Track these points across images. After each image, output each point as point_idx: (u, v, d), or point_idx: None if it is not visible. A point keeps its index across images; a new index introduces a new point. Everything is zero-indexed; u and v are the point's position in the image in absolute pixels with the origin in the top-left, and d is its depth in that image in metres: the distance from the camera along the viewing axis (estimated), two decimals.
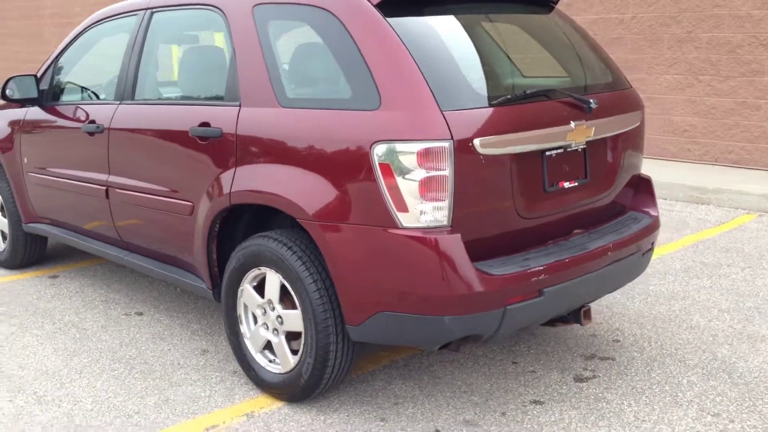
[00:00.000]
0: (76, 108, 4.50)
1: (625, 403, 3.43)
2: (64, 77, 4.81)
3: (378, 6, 3.07)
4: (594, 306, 4.49)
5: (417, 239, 2.85)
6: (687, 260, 5.45)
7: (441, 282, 2.86)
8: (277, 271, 3.25)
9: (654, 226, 3.68)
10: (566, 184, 3.31)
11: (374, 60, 2.97)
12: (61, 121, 4.59)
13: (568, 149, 3.30)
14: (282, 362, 3.36)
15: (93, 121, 4.28)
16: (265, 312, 3.39)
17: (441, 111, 2.85)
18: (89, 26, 4.66)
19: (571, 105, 3.26)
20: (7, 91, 4.60)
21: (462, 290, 2.87)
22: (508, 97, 3.06)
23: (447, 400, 3.48)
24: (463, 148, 2.85)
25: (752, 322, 4.32)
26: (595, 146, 3.45)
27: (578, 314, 3.41)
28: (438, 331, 2.96)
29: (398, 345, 3.10)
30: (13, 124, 5.02)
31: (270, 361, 3.45)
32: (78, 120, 4.42)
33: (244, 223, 3.65)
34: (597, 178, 3.48)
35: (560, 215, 3.32)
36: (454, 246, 2.86)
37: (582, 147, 3.37)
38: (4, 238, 5.37)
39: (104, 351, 4.05)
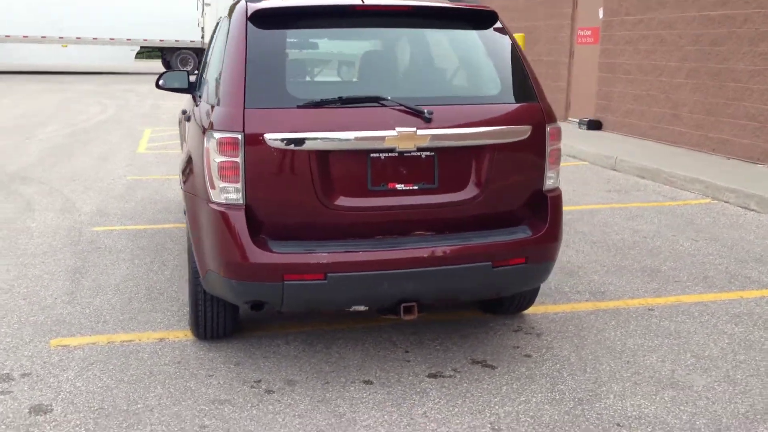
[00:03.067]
0: None
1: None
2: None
3: (249, 17, 3.70)
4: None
5: (216, 212, 3.50)
6: None
7: (227, 250, 3.47)
8: None
9: (526, 242, 3.66)
10: (400, 186, 3.57)
11: (226, 63, 3.65)
12: None
13: (405, 154, 3.54)
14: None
15: None
16: None
17: (244, 109, 3.44)
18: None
19: (403, 113, 3.51)
20: (160, 81, 5.94)
21: (239, 259, 3.44)
22: (317, 101, 3.48)
23: (315, 363, 3.97)
24: (254, 141, 3.40)
25: None
26: (448, 154, 3.61)
27: (398, 308, 3.63)
28: (233, 292, 3.55)
29: (226, 300, 3.70)
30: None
31: None
32: None
33: None
34: (449, 185, 3.63)
35: (392, 214, 3.58)
36: (237, 221, 3.44)
37: (428, 154, 3.57)
38: None
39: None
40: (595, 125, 12.34)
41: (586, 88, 12.88)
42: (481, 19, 3.94)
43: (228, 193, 3.45)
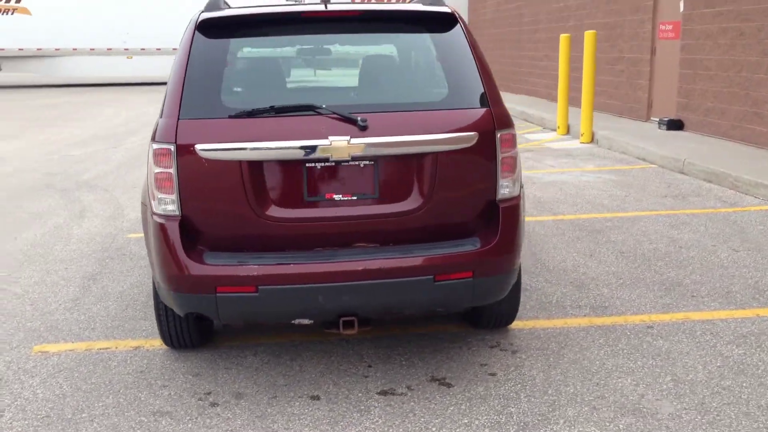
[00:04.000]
0: None
1: None
2: None
3: (197, 26, 3.70)
4: None
5: (156, 223, 3.52)
6: None
7: (164, 261, 3.49)
8: None
9: (472, 255, 3.49)
10: (338, 197, 3.48)
11: (171, 73, 3.66)
12: None
13: (343, 163, 3.45)
14: None
15: None
16: None
17: (178, 120, 3.44)
18: None
19: (338, 121, 3.42)
20: None
21: (173, 271, 3.45)
22: (248, 110, 3.44)
23: (271, 377, 3.94)
24: (186, 152, 3.40)
25: None
26: (388, 163, 3.49)
27: (338, 322, 3.53)
28: (174, 303, 3.56)
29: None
30: None
31: None
32: None
33: None
34: (391, 195, 3.51)
35: (331, 226, 3.49)
36: (173, 233, 3.45)
37: (366, 163, 3.47)
38: None
39: None
40: (675, 125, 11.72)
41: (668, 86, 12.25)
42: (437, 22, 3.79)
43: (166, 204, 3.46)
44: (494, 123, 3.55)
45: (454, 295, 3.54)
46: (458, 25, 3.79)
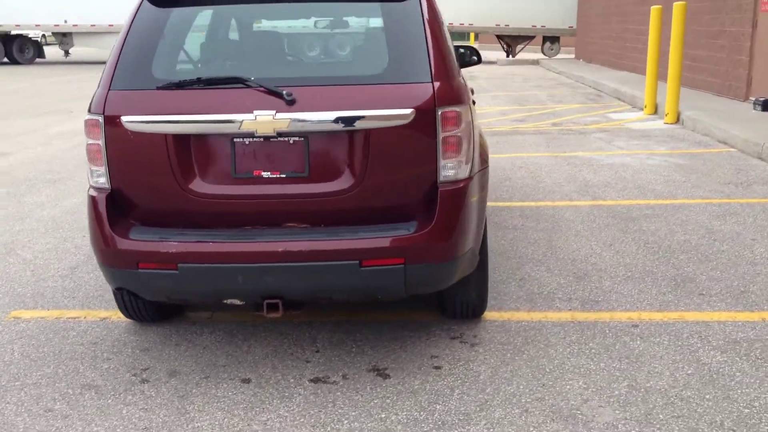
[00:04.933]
0: None
1: None
2: None
3: None
4: None
5: (89, 196, 3.49)
6: None
7: (93, 234, 3.46)
8: None
9: (403, 240, 3.27)
10: (266, 174, 3.34)
11: (114, 44, 3.60)
12: None
13: (272, 139, 3.30)
14: None
15: None
16: None
17: (108, 90, 3.39)
18: None
19: (266, 94, 3.27)
20: None
21: (101, 244, 3.41)
22: (176, 82, 3.33)
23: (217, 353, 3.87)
24: (112, 124, 3.34)
25: None
26: (320, 140, 3.31)
27: (261, 305, 3.40)
28: (105, 277, 3.53)
29: None
30: None
31: None
32: None
33: None
34: (322, 174, 3.33)
35: (258, 204, 3.36)
36: (99, 206, 3.41)
37: (296, 139, 3.31)
38: None
39: None
40: None
41: None
42: None
43: (98, 176, 3.42)
44: (435, 99, 3.28)
45: (383, 283, 3.33)
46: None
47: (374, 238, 3.27)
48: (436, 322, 4.12)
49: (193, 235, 3.34)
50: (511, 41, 27.95)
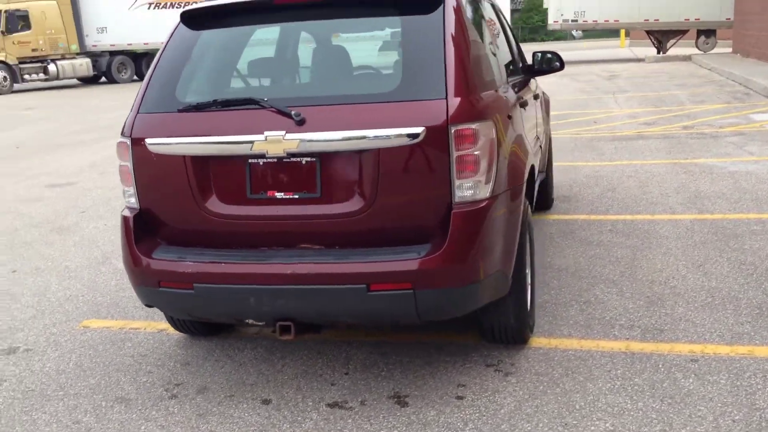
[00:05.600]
0: None
1: None
2: None
3: (181, 19, 3.71)
4: None
5: (121, 215, 3.62)
6: None
7: (123, 252, 3.59)
8: None
9: (412, 264, 3.15)
10: (280, 195, 3.32)
11: None
12: None
13: (285, 160, 3.28)
14: None
15: None
16: None
17: (137, 114, 3.50)
18: None
19: (277, 115, 3.25)
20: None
21: (128, 263, 3.53)
22: (194, 104, 3.38)
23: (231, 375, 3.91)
24: (138, 146, 3.44)
25: None
26: (331, 161, 3.25)
27: (275, 326, 3.37)
28: (136, 293, 3.65)
29: None
30: None
31: None
32: None
33: None
34: (334, 195, 3.26)
35: (272, 224, 3.34)
36: (128, 225, 3.52)
37: (309, 160, 3.27)
38: None
39: None
40: None
41: None
42: (415, 3, 3.41)
43: (129, 197, 3.53)
44: (447, 117, 3.13)
45: (392, 308, 3.21)
46: (441, 6, 3.38)
47: (381, 262, 3.16)
48: (477, 347, 3.94)
49: (209, 255, 3.36)
50: (661, 36, 26.58)
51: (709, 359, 3.67)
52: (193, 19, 3.63)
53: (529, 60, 5.30)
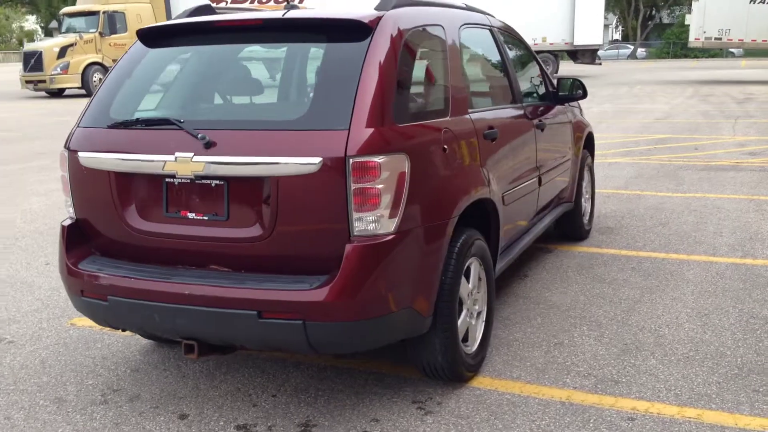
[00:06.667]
0: None
1: None
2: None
3: (137, 34, 3.84)
4: None
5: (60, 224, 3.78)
6: None
7: (58, 261, 3.74)
8: None
9: (300, 295, 3.10)
10: (191, 215, 3.36)
11: None
12: None
13: (197, 181, 3.32)
14: None
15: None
16: None
17: (77, 127, 3.66)
18: None
19: (189, 137, 3.30)
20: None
21: (60, 271, 3.68)
22: (120, 121, 3.49)
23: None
24: (73, 158, 3.60)
25: None
26: (238, 185, 3.26)
27: (182, 344, 3.40)
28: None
29: None
30: None
31: None
32: None
33: None
34: (240, 219, 3.26)
35: (184, 244, 3.38)
36: (62, 235, 3.67)
37: (218, 182, 3.29)
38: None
39: None
40: None
41: None
42: (344, 32, 3.37)
43: (68, 207, 3.68)
44: (346, 148, 3.05)
45: (284, 337, 3.17)
46: (370, 36, 3.31)
47: (273, 290, 3.12)
48: (415, 381, 3.82)
49: (125, 269, 3.44)
50: None
51: (648, 419, 3.38)
52: (145, 37, 3.74)
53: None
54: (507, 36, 5.05)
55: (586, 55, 30.44)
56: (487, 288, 3.98)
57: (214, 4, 3.98)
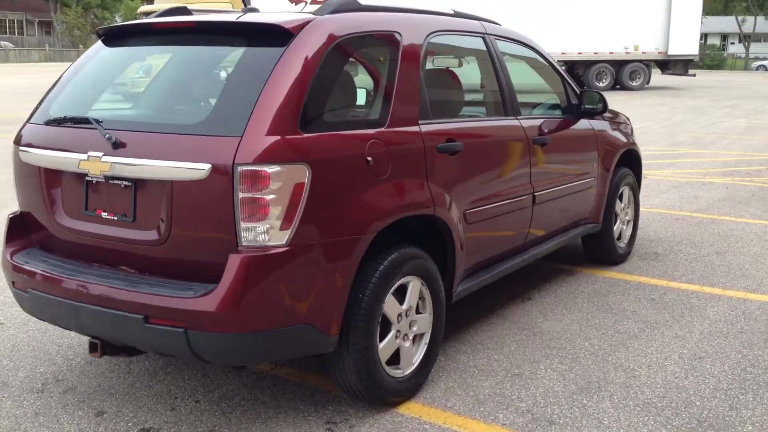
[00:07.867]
0: None
1: None
2: None
3: (97, 34, 3.94)
4: None
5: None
6: None
7: None
8: None
9: (183, 302, 3.02)
10: (104, 214, 3.38)
11: None
12: None
13: (110, 181, 3.32)
14: None
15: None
16: None
17: (27, 122, 3.77)
18: None
19: (101, 137, 3.32)
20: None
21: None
22: (52, 119, 3.57)
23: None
24: (15, 153, 3.72)
25: None
26: (142, 187, 3.24)
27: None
28: None
29: None
30: None
31: None
32: None
33: None
34: (143, 221, 3.24)
35: (97, 242, 3.40)
36: (6, 225, 3.80)
37: (126, 183, 3.29)
38: None
39: None
40: None
41: None
42: (264, 36, 3.31)
43: (17, 198, 3.80)
44: (235, 156, 2.96)
45: (169, 344, 3.11)
46: (288, 43, 3.21)
47: (160, 296, 3.07)
48: (341, 400, 3.65)
49: (48, 264, 3.49)
50: None
51: None
52: (105, 37, 3.81)
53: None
54: (512, 45, 4.76)
55: (678, 65, 28.68)
56: (434, 309, 3.75)
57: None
